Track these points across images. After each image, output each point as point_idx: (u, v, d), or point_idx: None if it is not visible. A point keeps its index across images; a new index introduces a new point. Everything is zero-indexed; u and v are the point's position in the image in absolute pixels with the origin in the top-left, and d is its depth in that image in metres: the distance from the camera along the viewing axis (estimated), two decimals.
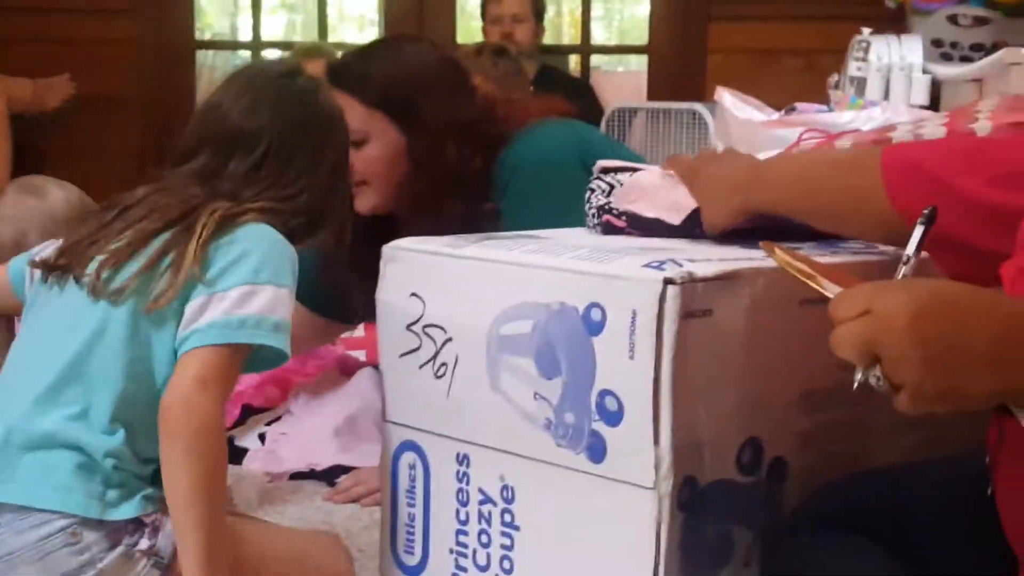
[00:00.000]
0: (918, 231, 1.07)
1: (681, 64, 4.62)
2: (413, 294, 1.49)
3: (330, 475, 2.12)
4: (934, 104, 3.42)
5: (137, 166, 4.03)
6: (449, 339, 1.47)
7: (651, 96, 4.62)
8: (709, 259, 1.35)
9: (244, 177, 1.52)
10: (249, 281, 1.41)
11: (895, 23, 4.07)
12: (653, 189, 1.60)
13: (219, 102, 1.56)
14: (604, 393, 1.32)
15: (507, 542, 1.44)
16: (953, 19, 3.91)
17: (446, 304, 1.47)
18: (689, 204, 1.54)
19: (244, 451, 2.19)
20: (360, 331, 2.82)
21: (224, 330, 1.38)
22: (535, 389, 1.38)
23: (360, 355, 2.66)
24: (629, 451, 1.31)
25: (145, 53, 4.50)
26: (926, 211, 1.08)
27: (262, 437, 2.24)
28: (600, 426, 1.33)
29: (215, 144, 1.53)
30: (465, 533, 1.48)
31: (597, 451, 1.34)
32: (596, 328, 1.33)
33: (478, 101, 2.14)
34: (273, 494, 2.06)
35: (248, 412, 2.33)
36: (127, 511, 1.36)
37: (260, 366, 1.48)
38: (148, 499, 1.38)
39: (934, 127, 1.58)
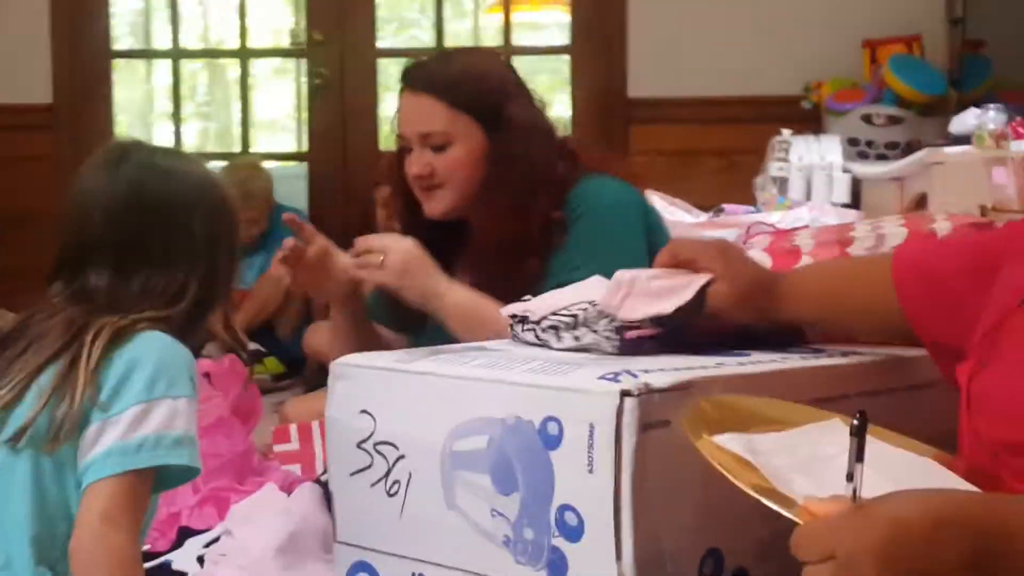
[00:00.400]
0: (853, 442, 1.04)
1: None
2: (363, 411, 1.47)
3: None
4: (855, 202, 3.50)
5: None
6: (401, 456, 1.44)
7: None
8: (663, 368, 1.35)
9: (115, 289, 1.43)
10: (142, 399, 1.34)
11: (811, 123, 4.17)
12: (640, 281, 1.51)
13: (66, 213, 1.49)
14: (563, 508, 1.31)
15: None
16: (867, 119, 4.01)
17: (398, 421, 1.45)
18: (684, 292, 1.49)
19: None
20: (295, 443, 2.78)
21: (122, 457, 1.31)
22: (492, 505, 1.36)
23: (295, 469, 2.62)
24: (591, 567, 1.29)
25: (62, 168, 4.47)
26: (855, 421, 1.05)
27: (200, 560, 2.18)
28: (560, 542, 1.31)
29: (70, 261, 1.46)
30: None
31: (558, 567, 1.32)
32: (553, 442, 1.31)
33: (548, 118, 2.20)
34: None
35: (185, 534, 2.27)
36: None
37: (170, 484, 1.41)
38: None
39: (894, 227, 1.61)
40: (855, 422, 1.02)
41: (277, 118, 7.08)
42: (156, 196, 1.47)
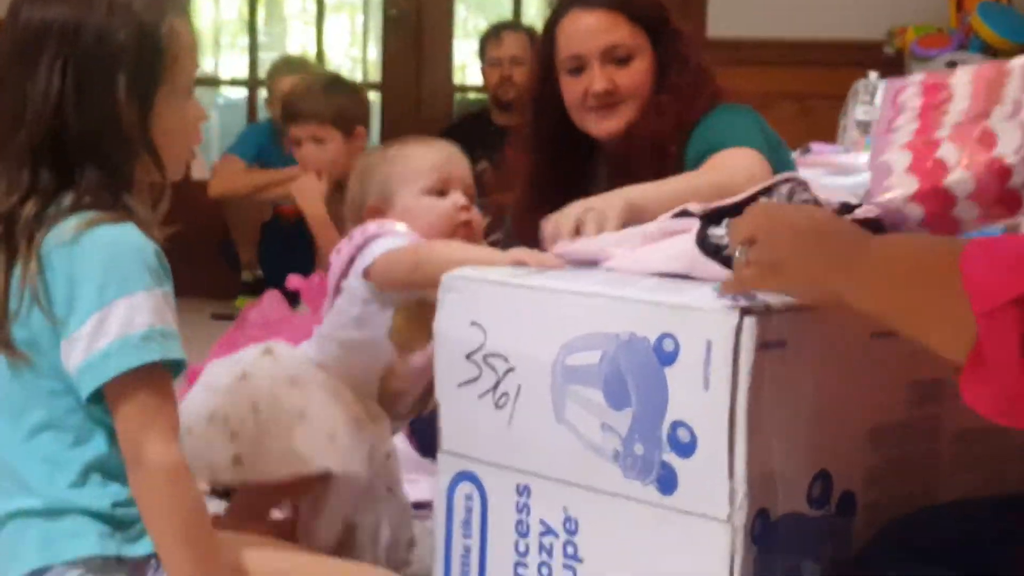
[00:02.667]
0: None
1: None
2: (473, 323, 1.48)
3: None
4: None
5: None
6: (511, 369, 1.46)
7: None
8: None
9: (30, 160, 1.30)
10: (95, 308, 1.26)
11: (893, 68, 4.12)
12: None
13: None
14: (676, 424, 1.32)
15: (569, 574, 1.42)
16: (952, 65, 3.95)
17: (509, 334, 1.46)
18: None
19: None
20: None
21: (92, 374, 1.26)
22: (603, 420, 1.37)
23: None
24: (702, 483, 1.30)
25: None
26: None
27: None
28: (671, 457, 1.32)
29: None
30: (525, 565, 1.46)
31: (668, 483, 1.33)
32: (668, 359, 1.32)
33: None
34: None
35: None
36: (146, 547, 1.31)
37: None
38: None
39: None
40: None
41: (332, 54, 7.07)
42: (27, 24, 1.32)
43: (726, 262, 1.39)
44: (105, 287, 1.26)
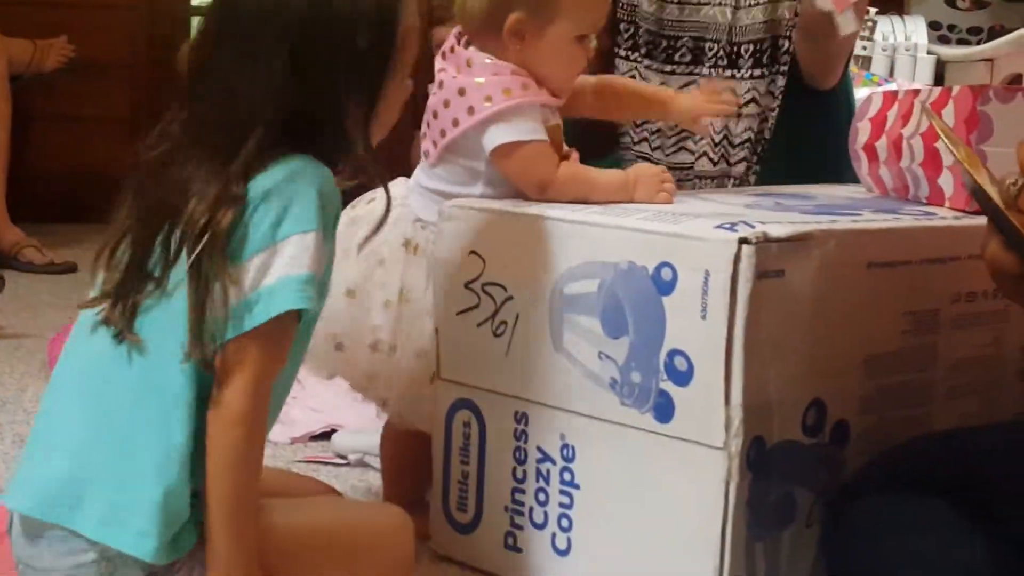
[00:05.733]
0: None
1: None
2: (472, 252, 1.49)
3: None
4: (938, 84, 3.46)
5: (129, 132, 3.99)
6: (509, 297, 1.46)
7: None
8: (779, 221, 1.36)
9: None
10: (268, 244, 1.19)
11: (892, 5, 4.10)
12: None
13: None
14: (673, 353, 1.33)
15: (566, 500, 1.44)
16: (951, 2, 3.94)
17: (507, 262, 1.47)
18: None
19: None
20: None
21: (234, 321, 1.19)
22: (600, 348, 1.39)
23: None
24: (699, 411, 1.31)
25: (141, 19, 4.46)
26: None
27: None
28: (668, 385, 1.33)
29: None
30: (522, 491, 1.48)
31: (664, 410, 1.34)
32: (666, 288, 1.33)
33: None
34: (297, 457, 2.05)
35: None
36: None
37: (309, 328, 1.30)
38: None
39: None
40: None
41: None
42: (249, 12, 1.23)
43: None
44: (281, 220, 1.19)
